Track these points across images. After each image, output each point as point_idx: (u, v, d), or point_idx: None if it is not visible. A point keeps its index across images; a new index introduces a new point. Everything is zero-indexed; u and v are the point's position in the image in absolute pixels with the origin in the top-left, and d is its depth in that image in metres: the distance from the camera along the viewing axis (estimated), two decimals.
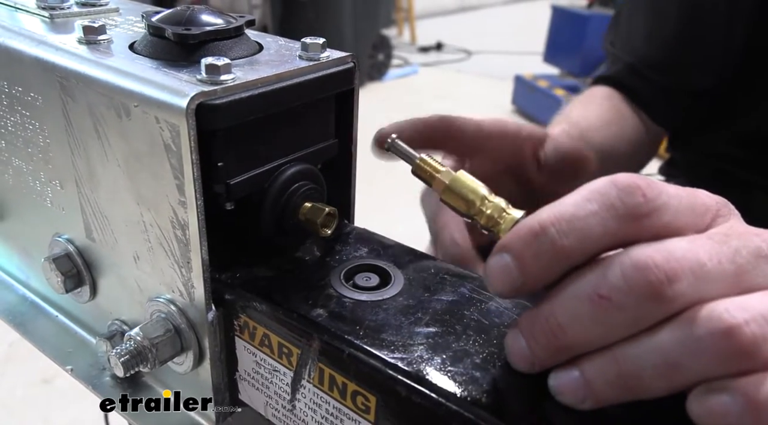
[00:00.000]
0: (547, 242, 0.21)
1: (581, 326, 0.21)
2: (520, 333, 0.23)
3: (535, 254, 0.21)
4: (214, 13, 0.31)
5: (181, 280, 0.29)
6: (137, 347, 0.29)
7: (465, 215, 0.26)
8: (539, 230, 0.21)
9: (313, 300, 0.28)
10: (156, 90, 0.25)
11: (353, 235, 0.34)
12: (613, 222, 0.21)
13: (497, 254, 0.23)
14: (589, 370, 0.21)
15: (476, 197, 0.25)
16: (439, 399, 0.23)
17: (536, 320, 0.22)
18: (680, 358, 0.19)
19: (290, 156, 0.31)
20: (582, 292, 0.21)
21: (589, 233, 0.21)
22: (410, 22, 4.32)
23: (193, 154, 0.25)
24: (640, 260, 0.20)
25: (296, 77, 0.29)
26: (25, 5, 0.35)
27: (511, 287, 0.22)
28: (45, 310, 0.40)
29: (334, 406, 0.27)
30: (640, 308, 0.20)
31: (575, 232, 0.21)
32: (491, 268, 0.23)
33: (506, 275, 0.22)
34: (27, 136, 0.33)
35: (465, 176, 0.25)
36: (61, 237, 0.35)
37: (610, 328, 0.20)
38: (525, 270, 0.22)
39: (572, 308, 0.21)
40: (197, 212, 0.26)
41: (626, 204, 0.20)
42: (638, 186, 0.21)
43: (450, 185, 0.25)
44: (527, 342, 0.22)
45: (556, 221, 0.21)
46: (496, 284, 0.23)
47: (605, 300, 0.20)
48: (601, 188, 0.21)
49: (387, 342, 0.25)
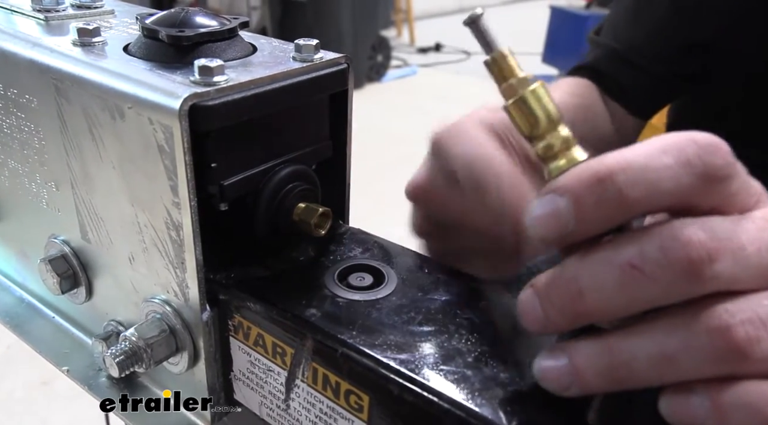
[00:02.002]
0: (614, 189, 0.19)
1: (603, 294, 0.19)
2: (535, 293, 0.21)
3: (597, 201, 0.19)
4: (209, 15, 0.31)
5: (175, 280, 0.29)
6: (132, 347, 0.29)
7: (523, 135, 0.23)
8: (606, 176, 0.19)
9: (307, 300, 0.28)
10: (149, 92, 0.26)
11: (348, 235, 0.34)
12: (688, 179, 0.19)
13: (549, 194, 0.20)
14: (579, 358, 0.20)
15: (547, 121, 0.22)
16: (431, 397, 0.23)
17: (556, 281, 0.21)
18: (676, 352, 0.19)
19: (284, 157, 0.31)
20: (613, 258, 0.19)
21: (660, 188, 0.19)
22: (409, 23, 4.32)
23: (186, 155, 0.25)
24: (684, 234, 0.19)
25: (289, 78, 0.29)
26: (21, 8, 0.35)
27: (560, 234, 0.20)
28: (42, 311, 0.40)
29: (327, 405, 0.27)
30: (673, 284, 0.19)
31: (645, 183, 0.19)
32: (538, 210, 0.20)
33: (558, 219, 0.20)
34: (22, 138, 0.34)
35: (545, 90, 0.22)
36: (57, 238, 0.35)
37: (634, 301, 0.19)
38: (582, 217, 0.20)
39: (598, 274, 0.19)
40: (191, 213, 0.26)
41: (706, 163, 0.19)
42: (720, 147, 0.19)
43: (525, 95, 0.22)
44: (541, 303, 0.21)
45: (626, 168, 0.19)
46: (541, 228, 0.20)
47: (637, 271, 0.19)
48: (680, 142, 0.19)
49: (380, 342, 0.25)
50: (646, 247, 0.19)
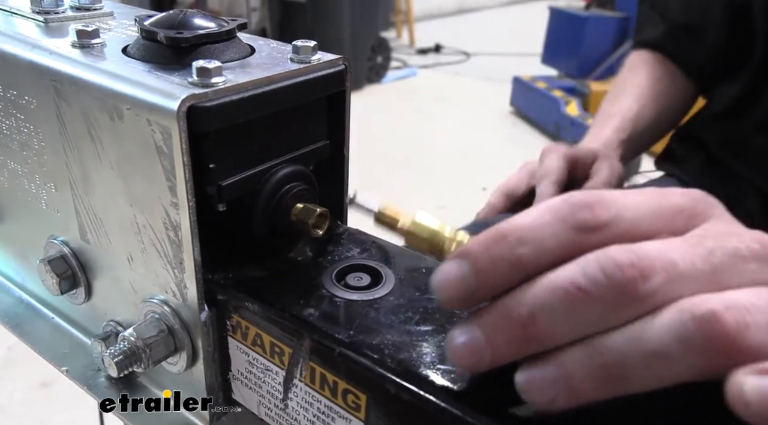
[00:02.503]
0: (506, 249, 0.21)
1: (554, 317, 0.20)
2: (474, 325, 0.22)
3: (493, 260, 0.21)
4: (207, 17, 0.31)
5: (174, 281, 0.29)
6: (131, 347, 0.29)
7: (431, 254, 0.26)
8: (499, 237, 0.22)
9: (304, 300, 0.28)
10: (147, 93, 0.26)
11: (345, 235, 0.34)
12: (566, 234, 0.21)
13: (452, 260, 0.22)
14: (569, 362, 0.20)
15: (436, 236, 0.26)
16: (428, 396, 0.23)
17: (502, 307, 0.21)
18: (668, 347, 0.19)
19: (282, 158, 0.31)
20: (558, 283, 0.20)
21: (545, 244, 0.21)
22: (409, 25, 4.32)
23: (184, 156, 0.25)
24: (616, 257, 0.20)
25: (287, 80, 0.29)
26: (21, 10, 0.35)
27: (464, 294, 0.22)
28: (41, 312, 0.40)
29: (325, 404, 0.27)
30: (614, 302, 0.20)
31: (532, 241, 0.21)
32: (443, 274, 0.22)
33: (461, 280, 0.22)
34: (22, 139, 0.34)
35: (423, 217, 0.26)
36: (56, 239, 0.35)
37: (582, 322, 0.20)
38: (480, 275, 0.22)
39: (545, 299, 0.21)
40: (189, 214, 0.27)
41: (576, 218, 0.21)
42: (587, 203, 0.21)
43: (412, 229, 0.26)
44: (486, 332, 0.21)
45: (514, 229, 0.22)
46: (447, 289, 0.22)
47: (582, 293, 0.20)
48: (555, 204, 0.22)
49: (377, 341, 0.26)
50: (588, 269, 0.20)
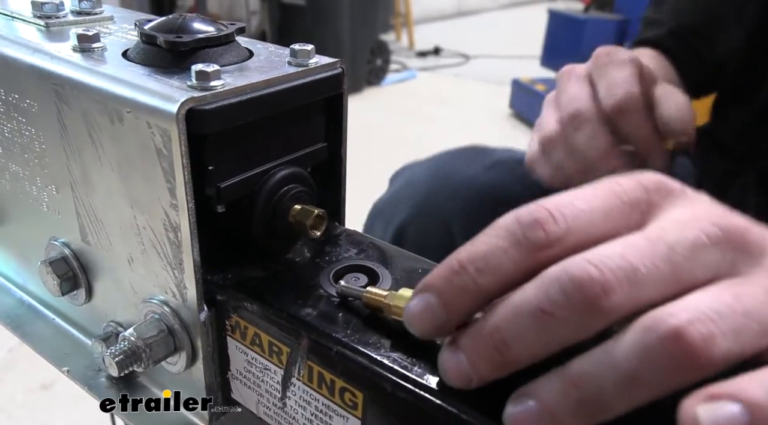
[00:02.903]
0: (468, 279, 0.22)
1: (526, 340, 0.21)
2: (459, 349, 0.22)
3: (457, 290, 0.22)
4: (206, 21, 0.31)
5: (173, 281, 0.29)
6: (131, 347, 0.30)
7: None
8: (458, 268, 0.22)
9: (302, 300, 0.29)
10: (147, 96, 0.26)
11: (343, 236, 0.34)
12: (521, 256, 0.21)
13: (418, 295, 0.23)
14: (547, 397, 0.20)
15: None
16: (424, 394, 0.23)
17: (479, 335, 0.22)
18: (637, 370, 0.19)
19: (280, 160, 0.32)
20: (525, 308, 0.21)
21: (503, 270, 0.22)
22: (408, 27, 4.33)
23: (183, 158, 0.26)
24: (575, 275, 0.20)
25: (285, 83, 0.29)
26: (22, 14, 0.36)
27: (435, 325, 0.23)
28: (42, 313, 0.41)
29: (323, 403, 0.27)
30: (581, 322, 0.20)
31: (490, 269, 0.22)
32: (413, 309, 0.23)
33: (429, 313, 0.22)
34: (23, 142, 0.34)
35: (405, 291, 0.26)
36: (57, 241, 0.35)
37: (554, 342, 0.21)
38: (448, 307, 0.22)
39: (516, 324, 0.21)
40: (188, 215, 0.27)
41: (529, 239, 0.21)
42: (538, 220, 0.21)
43: (394, 303, 0.26)
44: (469, 358, 0.22)
45: (471, 259, 0.22)
46: (419, 323, 0.23)
47: (548, 315, 0.20)
48: (507, 224, 0.22)
49: (373, 340, 0.26)
50: (550, 291, 0.20)
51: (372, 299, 0.27)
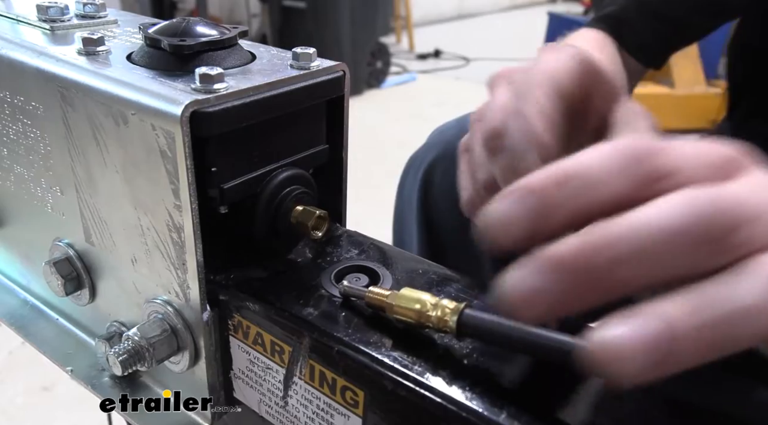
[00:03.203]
0: (579, 187, 0.20)
1: (641, 262, 0.18)
2: (549, 268, 0.19)
3: (562, 199, 0.19)
4: (209, 25, 0.32)
5: (177, 281, 0.30)
6: (135, 346, 0.30)
7: (419, 325, 0.26)
8: (569, 176, 0.20)
9: (304, 300, 0.29)
10: (152, 99, 0.27)
11: (344, 237, 0.35)
12: (632, 182, 0.20)
13: (513, 195, 0.20)
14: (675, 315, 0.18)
15: (422, 305, 0.26)
16: (424, 392, 0.24)
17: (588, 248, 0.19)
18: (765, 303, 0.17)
19: (282, 161, 0.32)
20: (656, 224, 0.18)
21: (613, 189, 0.20)
22: (408, 30, 4.34)
23: (187, 160, 0.26)
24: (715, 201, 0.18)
25: (287, 86, 0.30)
26: (27, 18, 0.36)
27: (525, 231, 0.20)
28: (46, 313, 0.41)
29: (324, 401, 0.28)
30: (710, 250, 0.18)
31: (603, 185, 0.20)
32: (503, 209, 0.20)
33: (526, 215, 0.19)
34: (28, 144, 0.35)
35: (407, 291, 0.26)
36: (62, 242, 0.36)
37: (669, 269, 0.19)
38: (549, 213, 0.19)
39: (640, 240, 0.18)
40: (192, 216, 0.27)
41: (644, 166, 0.20)
42: (652, 151, 0.20)
43: (399, 303, 0.26)
44: (562, 278, 0.19)
45: (584, 172, 0.20)
46: (507, 227, 0.20)
47: (681, 235, 0.18)
48: (621, 149, 0.20)
49: (374, 339, 0.26)
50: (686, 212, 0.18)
51: (375, 298, 0.27)
